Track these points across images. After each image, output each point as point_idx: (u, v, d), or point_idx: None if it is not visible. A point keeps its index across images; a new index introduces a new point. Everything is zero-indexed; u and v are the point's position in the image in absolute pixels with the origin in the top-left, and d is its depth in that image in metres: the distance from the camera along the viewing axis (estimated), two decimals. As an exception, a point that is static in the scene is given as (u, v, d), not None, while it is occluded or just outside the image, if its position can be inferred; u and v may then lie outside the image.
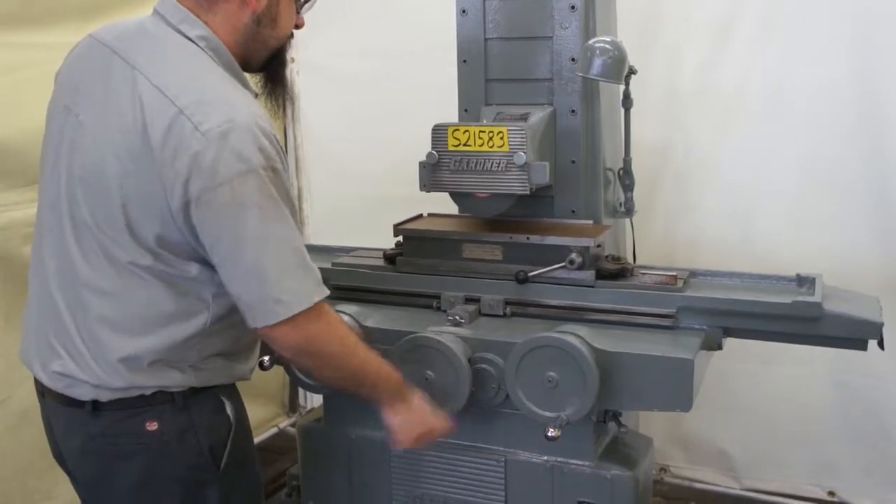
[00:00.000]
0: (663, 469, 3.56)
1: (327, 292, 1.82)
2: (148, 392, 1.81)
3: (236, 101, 1.73)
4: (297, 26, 1.99)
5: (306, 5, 1.98)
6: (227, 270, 1.73)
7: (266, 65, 1.97)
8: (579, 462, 2.23)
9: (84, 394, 1.81)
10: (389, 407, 2.04)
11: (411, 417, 2.06)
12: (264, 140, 1.70)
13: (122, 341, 1.78)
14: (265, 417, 3.99)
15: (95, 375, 1.79)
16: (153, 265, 1.75)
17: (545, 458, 2.26)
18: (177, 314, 1.80)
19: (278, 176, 1.73)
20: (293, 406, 4.28)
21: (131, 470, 1.84)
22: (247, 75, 1.94)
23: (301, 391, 4.26)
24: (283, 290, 1.72)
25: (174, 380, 1.83)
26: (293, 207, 1.80)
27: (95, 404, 1.81)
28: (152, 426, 1.82)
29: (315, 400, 4.04)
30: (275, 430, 4.09)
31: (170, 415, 1.83)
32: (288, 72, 2.04)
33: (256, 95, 1.94)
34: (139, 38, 1.81)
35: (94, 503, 1.95)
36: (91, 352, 1.79)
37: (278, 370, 3.75)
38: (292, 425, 4.03)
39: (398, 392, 2.05)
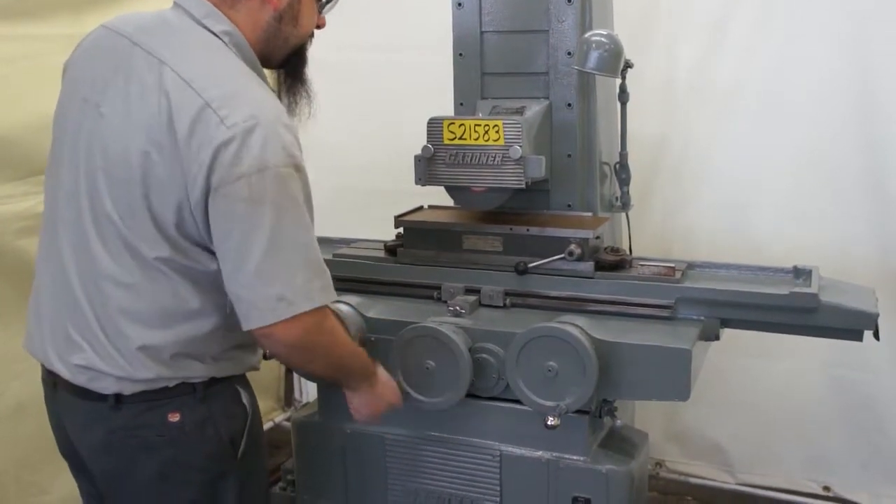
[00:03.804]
0: (659, 464, 3.57)
1: (334, 297, 1.81)
2: (172, 384, 1.82)
3: (261, 97, 1.74)
4: (319, 26, 2.00)
5: (328, 5, 1.99)
6: (232, 265, 1.71)
7: (285, 62, 1.98)
8: (574, 457, 2.23)
9: (107, 387, 1.80)
10: (355, 387, 2.09)
11: (372, 395, 2.10)
12: (288, 137, 1.70)
13: (143, 332, 1.78)
14: (261, 412, 3.98)
15: (120, 367, 1.78)
16: (175, 259, 1.75)
17: (540, 452, 2.26)
18: (198, 308, 1.80)
19: (300, 174, 1.72)
20: (288, 400, 4.28)
21: (153, 462, 1.84)
22: (265, 72, 1.94)
23: (297, 386, 4.26)
24: (287, 289, 1.71)
25: (196, 371, 1.84)
26: (312, 205, 1.78)
27: (118, 397, 1.81)
28: (174, 417, 1.82)
29: (310, 394, 4.04)
30: (270, 424, 4.07)
31: (191, 406, 1.84)
32: (308, 70, 2.04)
33: (274, 92, 1.94)
34: (162, 30, 1.81)
35: (114, 496, 1.94)
36: (114, 344, 1.79)
37: (274, 364, 3.74)
38: (287, 419, 4.02)
39: (367, 376, 2.08)
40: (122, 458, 1.85)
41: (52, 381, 1.92)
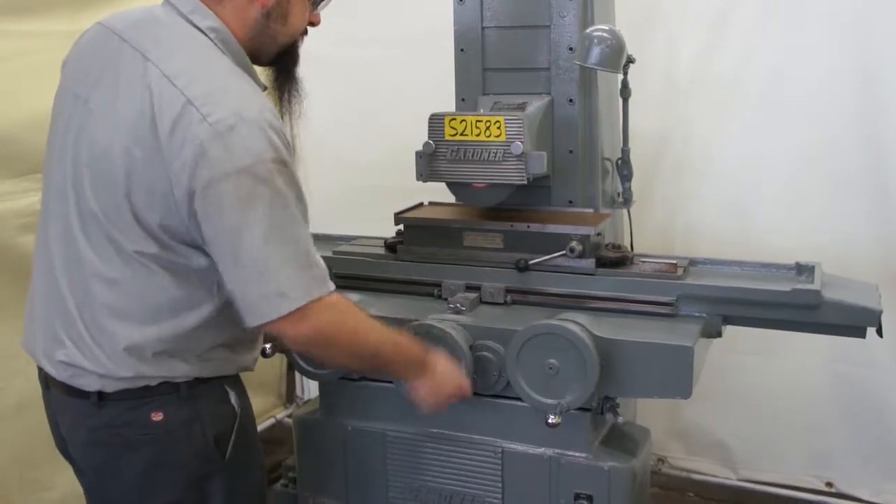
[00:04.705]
0: (661, 460, 3.57)
1: (332, 287, 1.79)
2: (153, 383, 1.81)
3: (245, 94, 1.73)
4: (312, 23, 1.98)
5: (322, 2, 1.97)
6: (227, 265, 1.70)
7: (276, 59, 1.96)
8: (576, 453, 2.23)
9: (89, 384, 1.80)
10: (407, 378, 2.06)
11: (432, 385, 2.06)
12: (272, 133, 1.68)
13: (128, 330, 1.77)
14: (262, 408, 3.99)
15: (101, 365, 1.78)
16: (159, 254, 1.74)
17: (542, 449, 2.25)
18: (183, 303, 1.79)
19: (287, 168, 1.71)
20: (290, 397, 4.28)
21: (137, 460, 1.83)
22: (256, 69, 1.93)
23: (298, 382, 4.26)
24: (285, 285, 1.69)
25: (179, 370, 1.82)
26: (303, 200, 1.77)
27: (101, 395, 1.80)
28: (157, 417, 1.81)
29: (312, 391, 4.04)
30: (272, 420, 4.09)
31: (175, 405, 1.83)
32: (299, 69, 2.02)
33: (265, 89, 1.93)
34: (149, 26, 1.80)
35: (100, 493, 1.94)
36: (96, 341, 1.78)
37: (275, 361, 3.75)
38: (289, 416, 4.02)
39: (418, 366, 2.04)
40: (106, 455, 1.85)
41: (44, 378, 1.93)
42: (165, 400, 1.82)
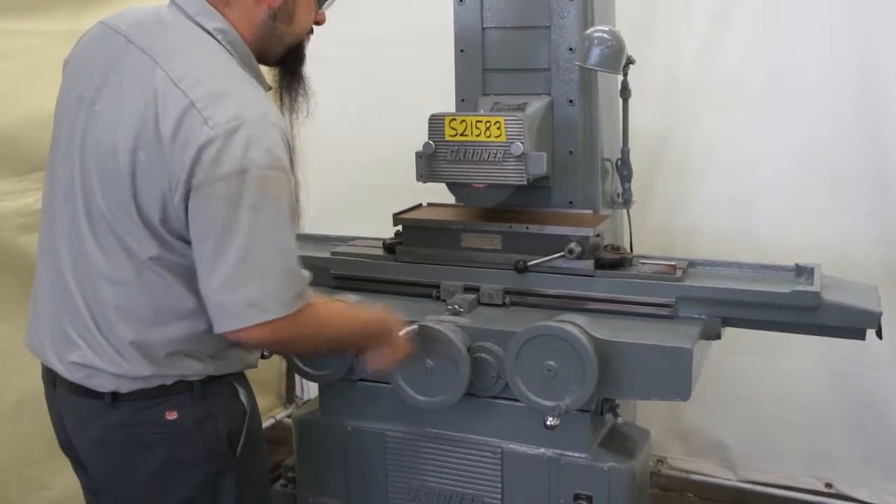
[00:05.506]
0: (660, 461, 3.57)
1: (309, 300, 1.78)
2: (169, 382, 1.81)
3: (248, 97, 1.72)
4: (318, 22, 1.98)
5: (326, 2, 1.98)
6: (207, 267, 1.69)
7: (282, 60, 1.97)
8: (576, 454, 2.23)
9: (104, 385, 1.80)
10: (364, 350, 2.09)
11: (386, 352, 2.08)
12: (273, 138, 1.68)
13: (138, 330, 1.77)
14: (262, 408, 3.94)
15: (116, 365, 1.78)
16: (168, 257, 1.74)
17: (542, 450, 2.25)
18: (193, 307, 1.78)
19: (283, 175, 1.70)
20: (290, 397, 4.28)
21: (151, 459, 1.84)
22: (263, 69, 1.94)
23: (298, 382, 4.26)
24: (259, 295, 1.68)
25: (193, 369, 1.83)
26: (294, 208, 1.77)
27: (115, 395, 1.80)
28: (172, 415, 1.82)
29: (311, 391, 4.04)
30: (271, 420, 4.09)
31: (189, 404, 1.83)
32: (306, 68, 2.02)
33: (270, 89, 1.94)
34: (156, 28, 1.80)
35: (110, 494, 1.94)
36: (109, 341, 1.78)
37: (275, 361, 3.74)
38: (289, 416, 4.02)
39: (380, 340, 2.06)
40: (119, 455, 1.85)
41: (51, 378, 1.92)
42: (180, 399, 1.83)
